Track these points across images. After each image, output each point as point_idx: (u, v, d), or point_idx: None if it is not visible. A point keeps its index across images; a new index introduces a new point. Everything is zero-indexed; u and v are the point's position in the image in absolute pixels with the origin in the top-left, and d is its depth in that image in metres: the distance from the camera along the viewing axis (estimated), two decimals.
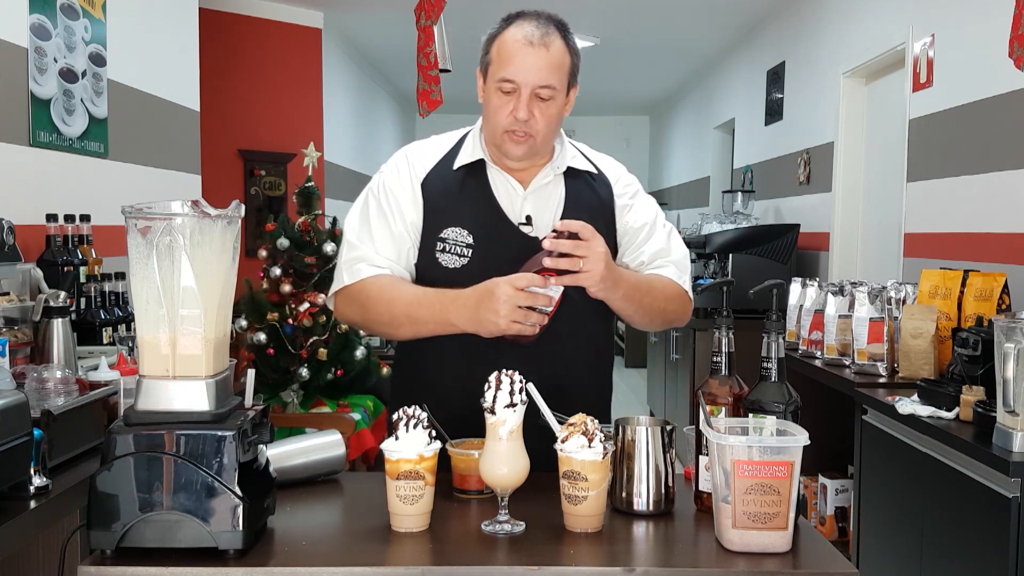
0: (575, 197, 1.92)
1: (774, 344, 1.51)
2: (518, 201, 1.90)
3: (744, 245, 5.37)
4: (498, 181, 1.90)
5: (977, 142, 3.60)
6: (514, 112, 1.80)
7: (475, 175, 1.90)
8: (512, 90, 1.80)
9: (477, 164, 1.91)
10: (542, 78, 1.79)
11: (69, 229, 2.93)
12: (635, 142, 12.13)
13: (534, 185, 1.90)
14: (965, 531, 2.36)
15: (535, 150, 1.86)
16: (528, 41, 1.79)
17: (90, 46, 3.36)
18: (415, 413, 1.46)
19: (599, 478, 1.43)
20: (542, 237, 1.71)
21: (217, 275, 1.38)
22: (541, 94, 1.80)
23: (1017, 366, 2.07)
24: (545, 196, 1.91)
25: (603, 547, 1.40)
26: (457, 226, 1.86)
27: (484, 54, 1.86)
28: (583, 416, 1.47)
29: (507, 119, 1.81)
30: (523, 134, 1.82)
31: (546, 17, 1.84)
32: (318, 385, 3.89)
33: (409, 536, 1.43)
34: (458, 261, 1.85)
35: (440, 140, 1.98)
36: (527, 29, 1.80)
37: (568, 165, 1.93)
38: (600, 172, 1.98)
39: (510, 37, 1.81)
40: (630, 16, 6.69)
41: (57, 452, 1.78)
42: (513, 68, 1.79)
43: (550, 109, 1.82)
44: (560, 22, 1.85)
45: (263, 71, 6.28)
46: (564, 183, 1.93)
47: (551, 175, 1.92)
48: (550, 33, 1.81)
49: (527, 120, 1.80)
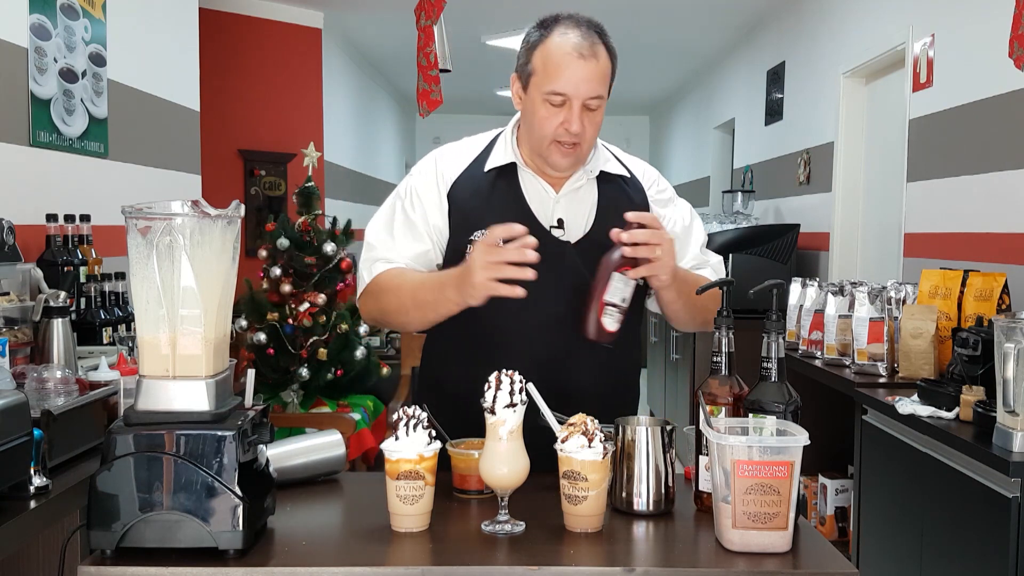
0: (608, 201, 1.90)
1: (774, 344, 1.51)
2: (550, 204, 1.88)
3: (744, 245, 5.37)
4: (529, 185, 1.89)
5: (977, 142, 3.60)
6: (566, 125, 1.77)
7: (506, 178, 1.89)
8: (562, 103, 1.77)
9: (508, 167, 1.89)
10: (593, 89, 1.77)
11: (69, 229, 2.93)
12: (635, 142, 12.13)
13: (566, 189, 1.89)
14: (965, 531, 2.36)
15: (581, 159, 1.86)
16: (579, 53, 1.75)
17: (90, 46, 3.36)
18: (415, 413, 1.46)
19: (599, 478, 1.43)
20: (616, 232, 1.70)
21: (217, 275, 1.38)
22: (590, 104, 1.78)
23: (1017, 366, 2.07)
24: (578, 200, 1.89)
25: (603, 547, 1.41)
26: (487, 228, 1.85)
27: (524, 63, 1.82)
28: (583, 416, 1.47)
29: (557, 131, 1.78)
30: (571, 144, 1.80)
31: (586, 22, 1.81)
32: (318, 385, 3.90)
33: (409, 536, 1.43)
34: None
35: (472, 142, 1.96)
36: (574, 39, 1.77)
37: (601, 169, 1.91)
38: (633, 176, 1.97)
39: (556, 48, 1.77)
40: (630, 16, 6.69)
41: (57, 452, 1.78)
42: (563, 81, 1.75)
43: (597, 117, 1.81)
44: (600, 27, 1.83)
45: (263, 71, 6.28)
46: (597, 187, 1.91)
47: (583, 179, 1.90)
48: (596, 42, 1.78)
49: (579, 131, 1.78)
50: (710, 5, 6.45)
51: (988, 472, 2.21)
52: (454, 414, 1.70)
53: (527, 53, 1.82)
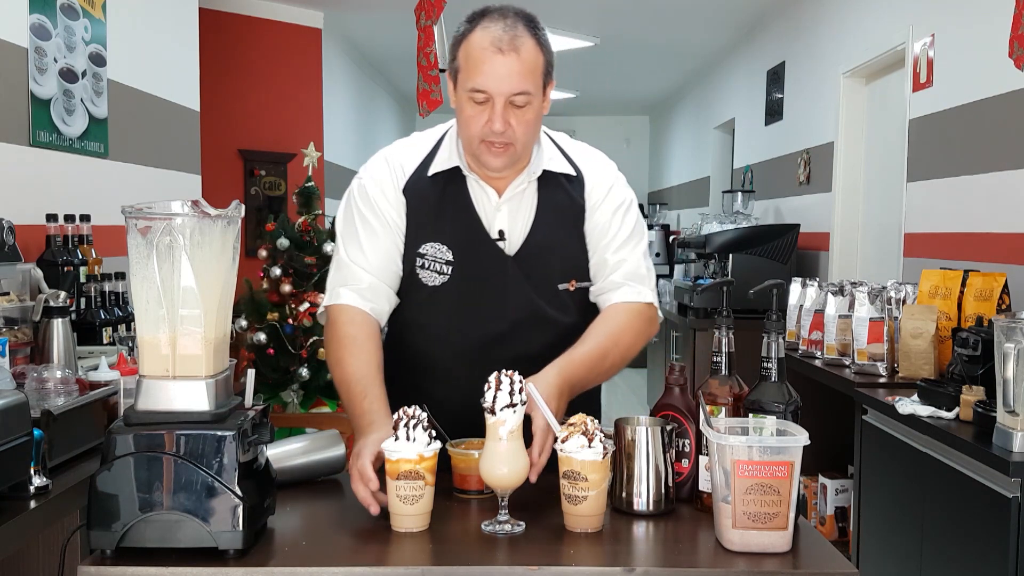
0: (547, 205, 1.82)
1: (774, 344, 1.51)
2: (492, 212, 1.81)
3: (744, 245, 5.37)
4: (476, 190, 1.82)
5: (977, 142, 3.60)
6: (489, 124, 1.69)
7: (454, 182, 1.82)
8: (485, 100, 1.69)
9: (454, 170, 1.82)
10: (515, 85, 1.67)
11: (69, 229, 2.93)
12: (635, 142, 12.13)
13: (508, 193, 1.81)
14: (965, 531, 2.36)
15: (516, 158, 1.76)
16: (497, 48, 1.66)
17: (90, 46, 3.36)
18: (415, 413, 1.46)
19: (599, 478, 1.43)
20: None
21: (217, 275, 1.38)
22: (516, 101, 1.68)
23: (1017, 366, 2.07)
24: (518, 204, 1.82)
25: (603, 547, 1.41)
26: (436, 241, 1.80)
27: (452, 59, 1.74)
28: (583, 416, 1.47)
29: (483, 130, 1.70)
30: (501, 144, 1.71)
31: (513, 14, 1.71)
32: (318, 385, 3.89)
33: (409, 536, 1.43)
34: (438, 279, 1.80)
35: (422, 140, 1.88)
36: (494, 32, 1.67)
37: (544, 168, 1.83)
38: (579, 172, 1.86)
39: (477, 43, 1.68)
40: (630, 16, 6.68)
41: (57, 452, 1.78)
42: (483, 77, 1.67)
43: (527, 115, 1.71)
44: (529, 18, 1.72)
45: (263, 71, 6.28)
46: (537, 188, 1.83)
47: (526, 182, 1.82)
48: (519, 35, 1.68)
49: (504, 131, 1.69)
50: (710, 5, 6.45)
51: (988, 472, 2.21)
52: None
53: (454, 49, 1.74)
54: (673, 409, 1.58)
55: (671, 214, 10.18)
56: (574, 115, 11.73)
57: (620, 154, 1.95)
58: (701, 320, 5.44)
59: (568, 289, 1.84)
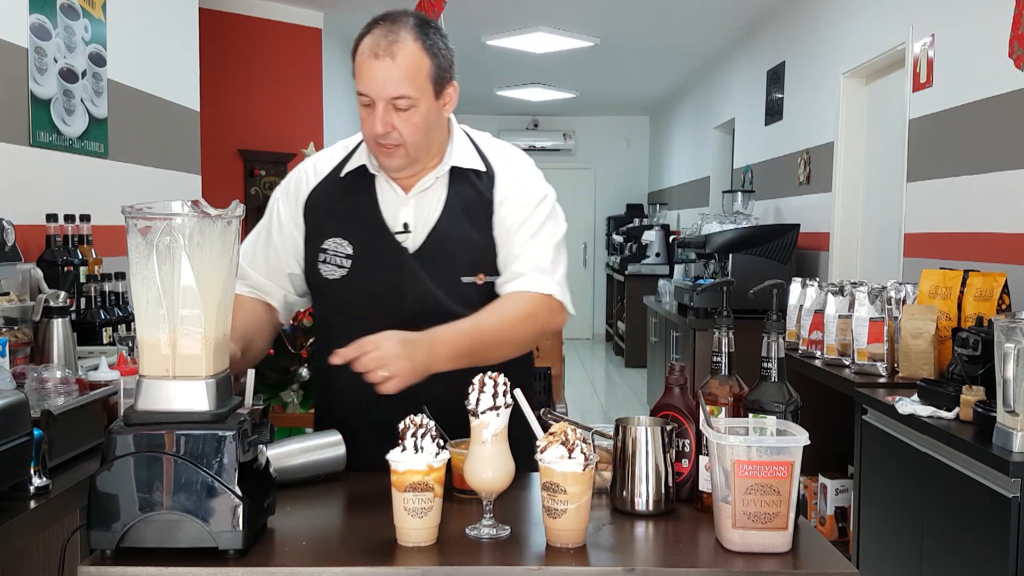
0: (456, 200, 1.86)
1: (774, 344, 1.51)
2: (397, 207, 1.87)
3: (744, 245, 5.38)
4: (384, 188, 1.88)
5: (977, 142, 3.60)
6: (371, 127, 1.76)
7: (364, 181, 1.88)
8: (369, 103, 1.76)
9: (364, 170, 1.88)
10: (392, 90, 1.73)
11: (69, 229, 2.93)
12: (635, 142, 12.13)
13: (416, 190, 1.86)
14: (965, 531, 2.36)
15: (411, 159, 1.81)
16: (373, 53, 1.73)
17: (90, 46, 3.36)
18: (423, 422, 1.41)
19: (580, 491, 1.36)
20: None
21: (217, 275, 1.38)
22: (398, 104, 1.74)
23: (1017, 366, 2.07)
24: (426, 201, 1.86)
25: (603, 547, 1.41)
26: (338, 236, 1.86)
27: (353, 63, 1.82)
28: (564, 425, 1.42)
29: (371, 132, 1.78)
30: (391, 145, 1.78)
31: (402, 19, 1.76)
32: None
33: None
34: (337, 272, 1.86)
35: (350, 141, 1.96)
36: (375, 38, 1.74)
37: (453, 164, 1.87)
38: (489, 167, 1.89)
39: (360, 48, 1.76)
40: (630, 16, 6.68)
41: (57, 452, 1.78)
42: (363, 82, 1.75)
43: (413, 118, 1.76)
44: (419, 21, 1.77)
45: (263, 71, 6.28)
46: (448, 184, 1.87)
47: (433, 178, 1.86)
48: (398, 40, 1.73)
49: (387, 133, 1.75)
50: (710, 5, 6.45)
51: (988, 472, 2.21)
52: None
53: (352, 54, 1.81)
54: (673, 409, 1.58)
55: (671, 214, 10.18)
56: (574, 115, 11.72)
57: (620, 154, 1.92)
58: (701, 320, 5.44)
59: (475, 283, 1.86)
